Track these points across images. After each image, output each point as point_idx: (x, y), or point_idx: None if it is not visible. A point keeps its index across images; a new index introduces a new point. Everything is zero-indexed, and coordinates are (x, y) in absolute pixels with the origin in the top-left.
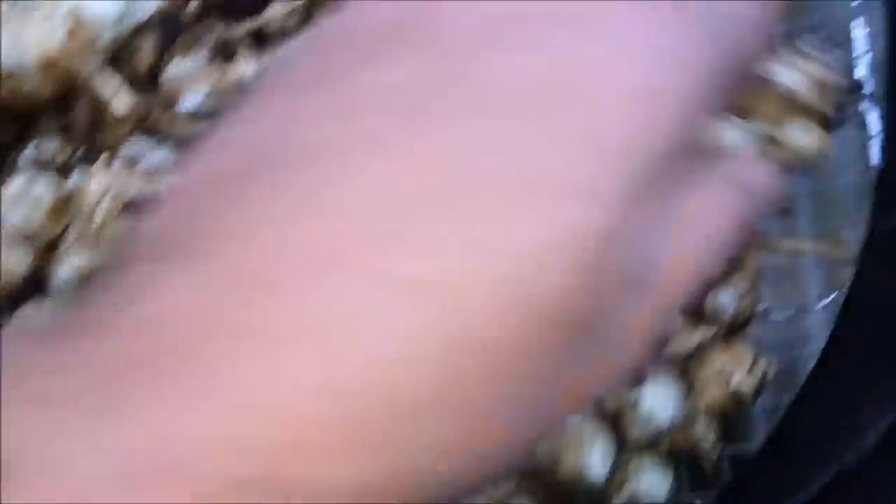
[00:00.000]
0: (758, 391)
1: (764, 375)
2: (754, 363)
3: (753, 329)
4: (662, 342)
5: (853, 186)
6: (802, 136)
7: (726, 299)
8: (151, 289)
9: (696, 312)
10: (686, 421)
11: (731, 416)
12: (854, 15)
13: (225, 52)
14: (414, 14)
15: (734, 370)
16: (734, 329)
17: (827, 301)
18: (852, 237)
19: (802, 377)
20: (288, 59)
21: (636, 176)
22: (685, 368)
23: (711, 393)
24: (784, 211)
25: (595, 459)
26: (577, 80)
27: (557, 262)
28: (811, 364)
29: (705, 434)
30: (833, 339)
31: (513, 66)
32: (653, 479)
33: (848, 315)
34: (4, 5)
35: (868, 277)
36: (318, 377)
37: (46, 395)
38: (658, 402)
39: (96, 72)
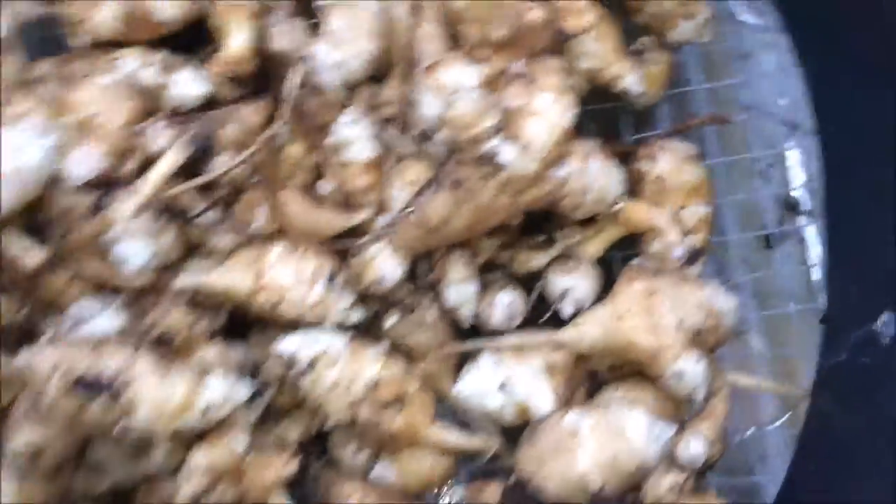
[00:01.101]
0: None
1: None
2: None
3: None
4: (636, 488)
5: (800, 312)
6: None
7: (699, 448)
8: None
9: (667, 458)
10: None
11: None
12: (788, 139)
13: (170, 213)
14: None
15: None
16: (702, 472)
17: (781, 421)
18: (805, 371)
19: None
20: None
21: None
22: None
23: None
24: (737, 333)
25: None
26: None
27: None
28: (770, 489)
29: None
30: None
31: None
32: None
33: (804, 450)
34: None
35: (822, 410)
36: None
37: None
38: None
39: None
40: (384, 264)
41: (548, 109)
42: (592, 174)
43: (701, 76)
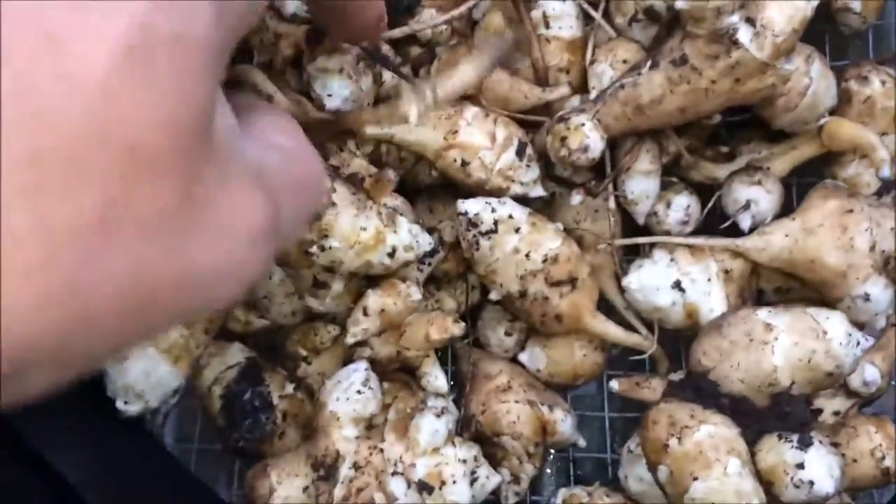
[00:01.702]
0: None
1: None
2: None
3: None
4: (815, 409)
5: None
6: None
7: (874, 374)
8: None
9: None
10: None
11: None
12: None
13: (369, 59)
14: None
15: (888, 451)
16: (867, 402)
17: None
18: None
19: None
20: None
21: None
22: (834, 434)
23: (862, 468)
24: None
25: None
26: None
27: None
28: None
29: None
30: None
31: None
32: None
33: None
34: None
35: None
36: None
37: None
38: (823, 472)
39: None
40: (592, 133)
41: None
42: (813, 77)
43: None
